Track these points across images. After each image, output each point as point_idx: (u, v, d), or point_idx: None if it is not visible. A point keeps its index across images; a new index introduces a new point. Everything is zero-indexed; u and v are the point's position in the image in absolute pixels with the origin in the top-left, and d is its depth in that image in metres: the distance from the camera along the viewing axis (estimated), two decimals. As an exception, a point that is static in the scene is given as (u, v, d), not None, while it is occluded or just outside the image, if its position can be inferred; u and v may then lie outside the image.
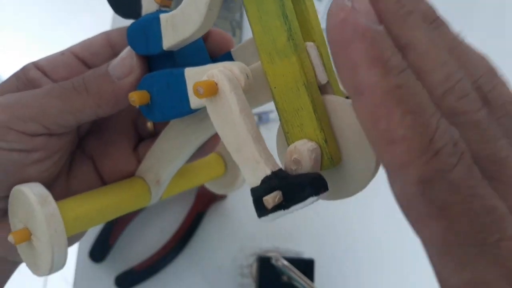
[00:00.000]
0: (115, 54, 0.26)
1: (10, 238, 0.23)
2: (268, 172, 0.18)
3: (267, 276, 0.43)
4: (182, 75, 0.21)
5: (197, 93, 0.18)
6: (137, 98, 0.23)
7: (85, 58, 0.27)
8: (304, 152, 0.18)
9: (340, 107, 0.19)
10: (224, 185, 0.38)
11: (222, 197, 0.48)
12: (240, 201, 0.49)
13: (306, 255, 0.47)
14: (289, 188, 0.17)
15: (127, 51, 0.24)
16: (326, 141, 0.18)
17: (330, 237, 0.48)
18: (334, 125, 0.19)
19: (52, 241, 0.22)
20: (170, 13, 0.22)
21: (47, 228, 0.22)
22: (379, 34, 0.14)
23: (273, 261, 0.42)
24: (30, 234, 0.23)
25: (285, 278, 0.43)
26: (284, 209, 0.17)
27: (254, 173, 0.18)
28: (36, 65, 0.26)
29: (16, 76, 0.26)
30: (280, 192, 0.17)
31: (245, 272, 0.46)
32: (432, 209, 0.13)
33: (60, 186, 0.26)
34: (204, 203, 0.47)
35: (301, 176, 0.17)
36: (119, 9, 0.25)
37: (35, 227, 0.23)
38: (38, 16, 1.56)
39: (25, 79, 0.26)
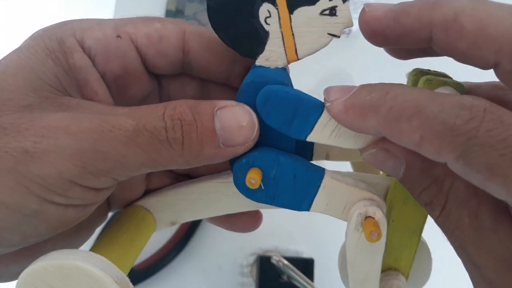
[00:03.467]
0: (184, 61, 0.22)
1: None
2: None
3: (267, 275, 0.43)
4: (319, 180, 0.20)
5: (369, 237, 0.18)
6: (258, 180, 0.19)
7: (148, 55, 0.21)
8: None
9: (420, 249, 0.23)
10: None
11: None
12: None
13: (306, 254, 0.47)
14: None
15: (249, 119, 0.19)
16: (408, 275, 0.22)
17: (330, 237, 0.48)
18: None
19: None
20: None
21: None
22: None
23: (273, 261, 0.42)
24: None
25: (285, 277, 0.43)
26: None
27: None
28: (82, 44, 0.20)
29: (54, 57, 0.19)
30: None
31: (245, 271, 0.46)
32: None
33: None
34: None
35: None
36: (238, 45, 0.19)
37: None
38: (38, 15, 1.56)
39: (66, 64, 0.19)
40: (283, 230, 0.48)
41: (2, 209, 0.17)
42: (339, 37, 0.18)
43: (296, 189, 0.20)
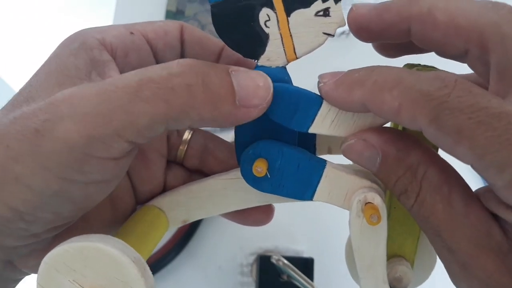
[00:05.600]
0: (181, 54, 0.23)
1: None
2: None
3: (267, 275, 0.43)
4: (321, 169, 0.21)
5: (370, 220, 0.19)
6: (264, 169, 0.20)
7: (158, 48, 0.23)
8: (408, 274, 0.23)
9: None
10: None
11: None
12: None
13: (306, 254, 0.47)
14: None
15: (265, 80, 0.19)
16: (414, 262, 0.23)
17: (330, 236, 0.48)
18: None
19: None
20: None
21: None
22: None
23: (273, 260, 0.42)
24: None
25: (285, 277, 0.43)
26: None
27: None
28: (103, 42, 0.21)
29: (75, 53, 0.20)
30: None
31: (245, 271, 0.46)
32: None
33: (106, 208, 0.22)
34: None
35: None
36: (241, 48, 0.20)
37: None
38: (38, 13, 1.56)
39: (86, 57, 0.20)
40: (283, 230, 0.48)
41: (28, 191, 0.17)
42: (333, 36, 0.20)
43: (300, 178, 0.21)
